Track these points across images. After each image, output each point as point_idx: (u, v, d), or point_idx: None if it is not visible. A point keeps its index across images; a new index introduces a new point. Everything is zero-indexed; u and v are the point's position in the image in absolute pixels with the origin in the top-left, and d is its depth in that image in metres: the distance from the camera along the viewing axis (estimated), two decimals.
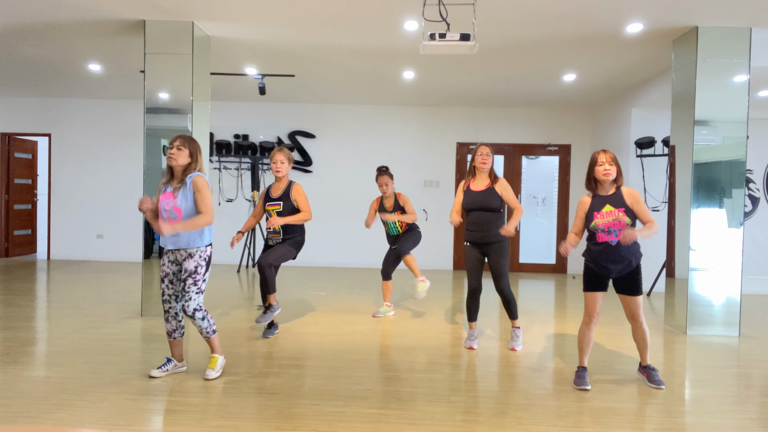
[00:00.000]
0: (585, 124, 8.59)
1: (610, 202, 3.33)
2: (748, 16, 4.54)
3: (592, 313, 3.42)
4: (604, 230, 3.32)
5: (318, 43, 5.54)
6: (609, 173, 3.31)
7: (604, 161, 3.33)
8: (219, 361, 3.50)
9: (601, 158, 3.35)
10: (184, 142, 3.35)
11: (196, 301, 3.33)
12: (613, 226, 3.30)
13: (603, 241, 3.32)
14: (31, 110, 8.80)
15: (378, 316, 5.23)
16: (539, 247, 8.77)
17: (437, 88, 7.42)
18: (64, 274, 7.35)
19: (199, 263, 3.35)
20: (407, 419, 2.89)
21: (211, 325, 3.44)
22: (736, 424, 2.92)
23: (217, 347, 3.51)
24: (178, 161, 3.33)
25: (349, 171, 8.75)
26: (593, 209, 3.38)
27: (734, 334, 4.83)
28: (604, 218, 3.32)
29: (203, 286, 3.38)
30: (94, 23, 5.04)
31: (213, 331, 3.45)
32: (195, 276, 3.33)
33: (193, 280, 3.33)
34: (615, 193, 3.36)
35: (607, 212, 3.32)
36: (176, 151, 3.32)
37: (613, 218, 3.30)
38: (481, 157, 4.12)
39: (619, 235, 3.27)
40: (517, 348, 4.20)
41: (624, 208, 3.30)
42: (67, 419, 2.80)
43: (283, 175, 4.27)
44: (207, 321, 3.40)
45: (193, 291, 3.33)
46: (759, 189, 7.15)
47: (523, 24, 4.83)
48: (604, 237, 3.32)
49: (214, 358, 3.49)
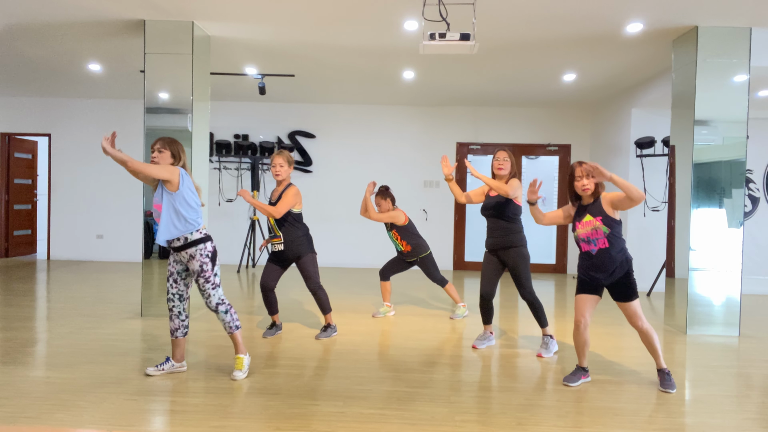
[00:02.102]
0: (585, 124, 8.59)
1: (590, 212, 3.34)
2: (748, 16, 4.54)
3: (578, 316, 3.43)
4: (584, 240, 3.35)
5: (318, 43, 5.54)
6: (588, 188, 3.29)
7: (581, 176, 3.31)
8: (245, 360, 3.50)
9: (578, 172, 3.32)
10: (164, 144, 3.37)
11: (216, 296, 3.40)
12: (591, 235, 3.32)
13: (586, 251, 3.36)
14: (31, 110, 8.80)
15: (378, 316, 5.23)
16: (539, 247, 8.75)
17: (437, 88, 7.42)
18: (64, 275, 7.35)
19: (202, 261, 3.37)
20: (407, 419, 2.89)
21: (235, 320, 3.46)
22: (736, 424, 2.92)
23: (241, 346, 3.50)
24: (161, 164, 3.35)
25: (349, 171, 8.75)
26: (575, 219, 3.42)
27: (734, 334, 4.83)
28: (584, 228, 3.35)
29: (216, 280, 3.41)
30: (94, 23, 5.04)
31: (237, 326, 3.46)
32: (204, 274, 3.37)
33: (204, 279, 3.37)
34: (594, 202, 3.35)
35: (587, 222, 3.34)
36: (158, 155, 3.35)
37: (591, 228, 3.32)
38: (498, 162, 4.07)
39: (599, 245, 3.29)
40: (544, 355, 4.05)
41: (602, 216, 3.28)
42: (67, 419, 2.80)
43: (283, 178, 4.22)
44: (230, 315, 3.45)
45: (209, 288, 3.39)
46: (759, 189, 7.15)
47: (523, 24, 4.83)
48: (585, 246, 3.36)
49: (240, 358, 3.49)
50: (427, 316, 5.34)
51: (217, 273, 3.44)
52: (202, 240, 3.38)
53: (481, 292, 4.17)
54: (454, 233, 8.74)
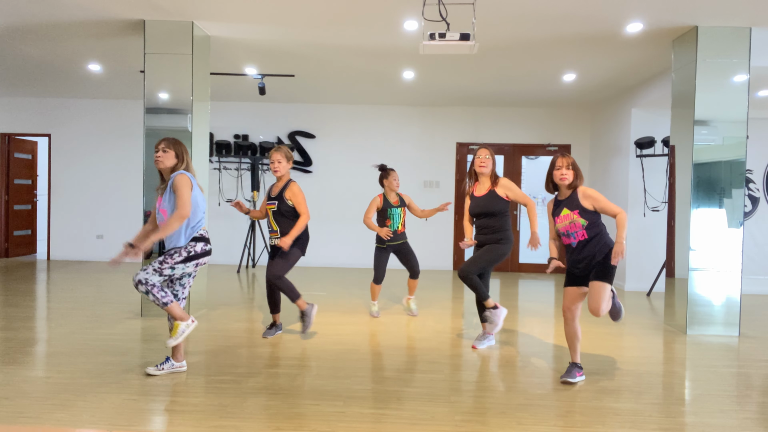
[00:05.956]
0: (585, 124, 8.59)
1: (567, 205, 3.41)
2: (748, 16, 4.54)
3: (564, 308, 3.54)
4: (564, 234, 3.43)
5: (318, 43, 5.54)
6: (565, 178, 3.37)
7: (561, 165, 3.39)
8: (181, 326, 3.34)
9: (559, 162, 3.41)
10: (168, 144, 3.36)
11: (145, 274, 3.21)
12: (570, 228, 3.38)
13: (567, 244, 3.44)
14: (31, 110, 8.80)
15: (376, 316, 5.22)
16: (539, 247, 8.76)
17: (437, 88, 7.42)
18: (64, 275, 7.35)
19: (179, 252, 3.29)
20: (407, 419, 2.89)
21: (161, 299, 3.26)
22: (736, 424, 2.92)
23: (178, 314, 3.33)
24: (165, 164, 3.34)
25: (349, 171, 8.75)
26: (554, 213, 3.50)
27: (734, 334, 4.83)
28: (562, 221, 3.42)
29: (167, 272, 3.27)
30: (94, 23, 5.04)
31: (164, 303, 3.27)
32: (166, 257, 3.26)
33: (160, 261, 3.25)
34: (570, 195, 3.42)
35: (564, 215, 3.40)
36: (162, 154, 3.33)
37: (569, 221, 3.38)
38: (480, 161, 4.13)
39: (578, 237, 3.35)
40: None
41: (579, 209, 3.35)
42: (67, 419, 2.80)
43: (282, 174, 4.24)
44: (152, 295, 3.24)
45: (152, 266, 3.24)
46: (759, 189, 7.15)
47: (523, 24, 4.83)
48: (566, 240, 3.44)
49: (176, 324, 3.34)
50: (427, 316, 5.34)
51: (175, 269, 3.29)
52: (197, 239, 3.37)
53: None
54: (454, 233, 8.74)
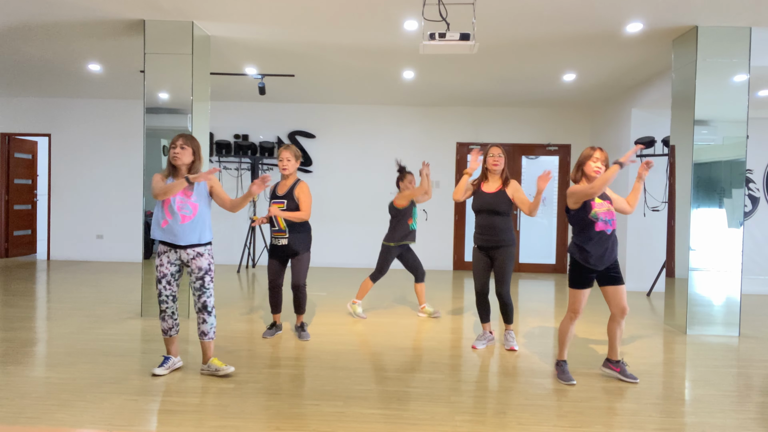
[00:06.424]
0: (585, 124, 8.59)
1: (600, 195, 3.45)
2: (748, 16, 4.54)
3: (578, 310, 3.48)
4: (603, 220, 3.41)
5: (318, 43, 5.54)
6: (599, 171, 3.41)
7: (599, 158, 3.43)
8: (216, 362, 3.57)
9: (597, 154, 3.43)
10: (186, 141, 3.44)
11: (213, 296, 3.49)
12: (608, 216, 3.42)
13: (600, 230, 3.39)
14: (31, 110, 8.80)
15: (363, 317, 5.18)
16: (539, 247, 8.76)
17: (437, 88, 7.42)
18: (64, 275, 7.35)
19: (210, 261, 3.48)
20: (407, 419, 2.89)
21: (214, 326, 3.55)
22: (736, 424, 2.92)
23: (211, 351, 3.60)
24: (183, 160, 3.41)
25: (349, 171, 8.75)
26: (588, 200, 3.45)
27: (734, 334, 4.83)
28: (600, 208, 3.41)
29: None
30: (94, 23, 5.04)
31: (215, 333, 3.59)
32: (210, 273, 3.48)
33: (210, 277, 3.47)
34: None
35: (599, 203, 3.42)
36: (180, 150, 3.41)
37: (606, 209, 3.41)
38: (493, 159, 4.12)
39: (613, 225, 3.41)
40: (516, 347, 4.19)
41: (609, 200, 3.48)
42: (67, 419, 2.80)
43: (290, 172, 4.26)
44: (215, 319, 3.53)
45: (212, 287, 3.48)
46: (759, 189, 7.15)
47: (523, 24, 4.83)
48: (601, 226, 3.40)
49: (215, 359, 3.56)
50: (427, 316, 5.33)
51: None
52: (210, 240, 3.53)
53: (477, 289, 4.20)
54: (454, 233, 8.74)
